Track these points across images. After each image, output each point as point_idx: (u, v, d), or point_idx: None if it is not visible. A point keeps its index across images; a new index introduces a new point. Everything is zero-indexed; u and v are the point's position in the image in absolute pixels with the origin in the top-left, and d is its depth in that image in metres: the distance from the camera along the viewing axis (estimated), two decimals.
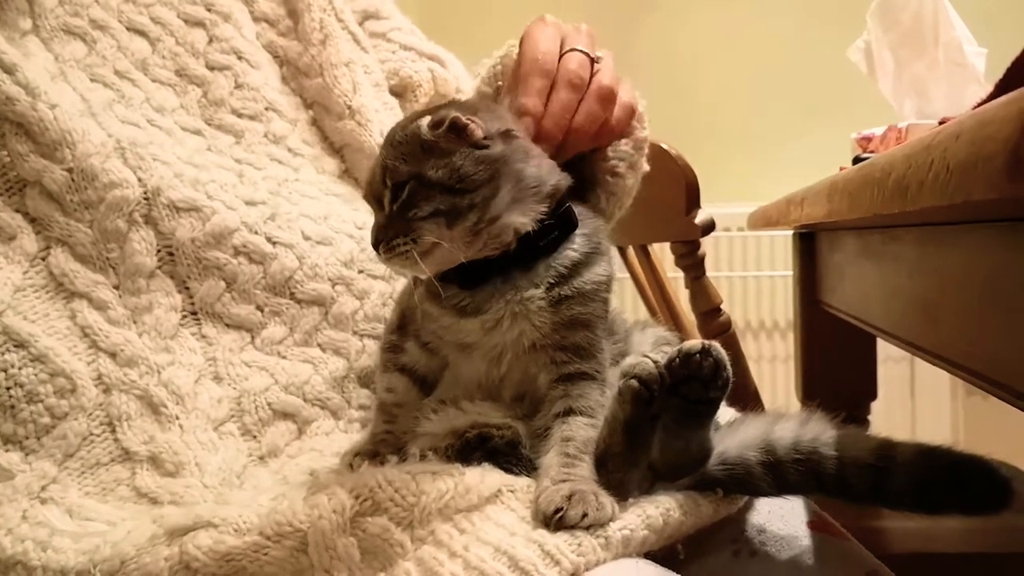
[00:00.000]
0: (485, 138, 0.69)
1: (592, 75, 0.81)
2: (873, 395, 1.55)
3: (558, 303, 0.71)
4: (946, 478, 0.66)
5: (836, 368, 1.51)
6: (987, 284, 0.62)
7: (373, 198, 0.73)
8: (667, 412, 0.67)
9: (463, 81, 1.16)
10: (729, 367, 0.67)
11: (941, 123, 1.06)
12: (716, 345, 0.66)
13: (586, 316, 0.72)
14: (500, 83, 0.87)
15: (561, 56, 0.81)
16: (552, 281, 0.71)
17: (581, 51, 0.81)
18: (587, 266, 0.73)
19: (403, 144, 0.70)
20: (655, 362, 0.66)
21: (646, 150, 0.92)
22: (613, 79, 0.82)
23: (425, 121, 0.69)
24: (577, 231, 0.74)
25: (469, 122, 0.69)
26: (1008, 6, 2.40)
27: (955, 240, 0.68)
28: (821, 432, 0.70)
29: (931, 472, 0.67)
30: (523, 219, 0.70)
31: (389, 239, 0.69)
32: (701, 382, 0.66)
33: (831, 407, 0.74)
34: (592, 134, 0.81)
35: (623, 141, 0.88)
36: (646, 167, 0.92)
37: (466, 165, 0.69)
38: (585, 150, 0.84)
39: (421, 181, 0.68)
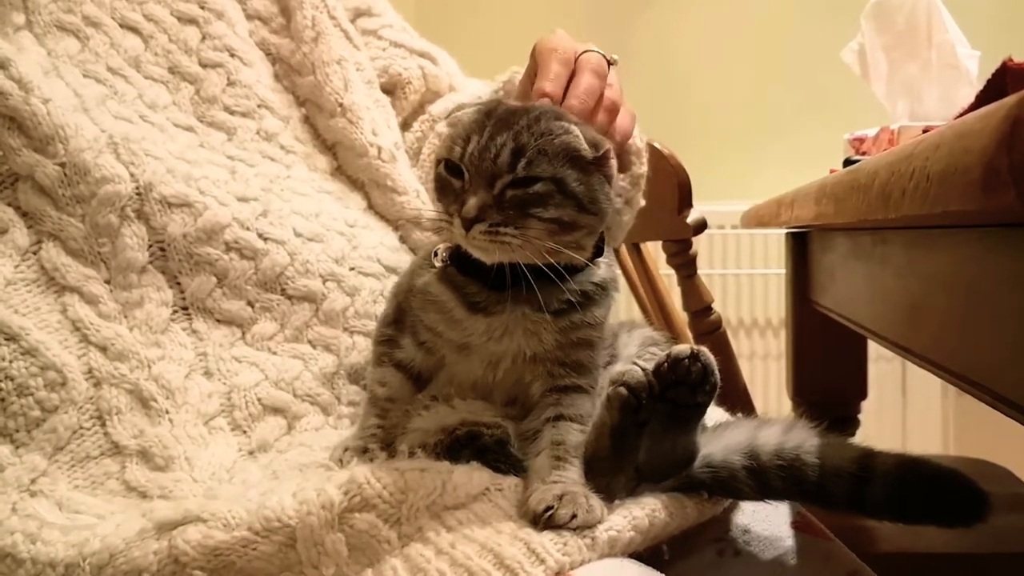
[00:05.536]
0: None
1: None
2: (864, 394, 1.56)
3: (572, 325, 0.72)
4: (925, 489, 0.67)
5: (827, 367, 1.52)
6: (972, 288, 0.62)
7: (483, 175, 0.68)
8: (655, 416, 0.67)
9: (456, 78, 1.16)
10: (717, 372, 0.67)
11: (925, 131, 1.07)
12: (704, 350, 0.67)
13: (593, 338, 0.74)
14: None
15: (580, 55, 0.82)
16: (575, 301, 0.72)
17: (598, 52, 0.82)
18: (606, 291, 0.75)
19: (546, 139, 0.68)
20: (644, 370, 0.67)
21: (643, 186, 0.93)
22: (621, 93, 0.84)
23: (577, 132, 0.69)
24: (602, 258, 0.75)
25: (613, 158, 0.71)
26: (1001, 9, 2.40)
27: (942, 244, 0.69)
28: (804, 439, 0.71)
29: (910, 483, 0.67)
30: (589, 255, 0.72)
31: (496, 224, 0.67)
32: (689, 387, 0.67)
33: (822, 406, 0.75)
34: (605, 129, 0.82)
35: (620, 176, 0.88)
36: (642, 202, 0.94)
37: (600, 193, 0.70)
38: None
39: (560, 186, 0.68)
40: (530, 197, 0.67)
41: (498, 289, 0.71)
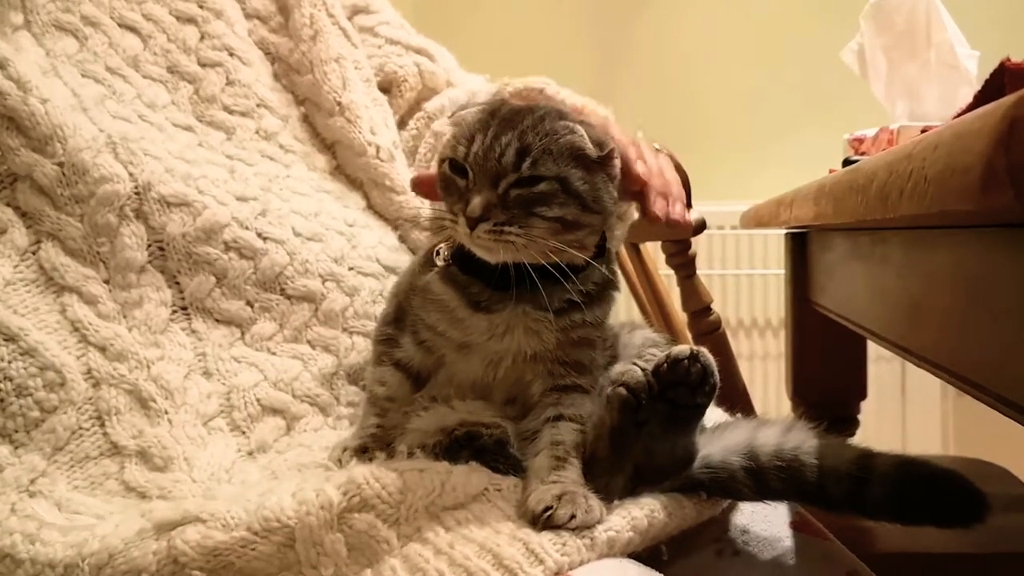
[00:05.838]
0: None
1: None
2: (863, 394, 1.55)
3: (573, 324, 0.72)
4: (923, 490, 0.67)
5: (827, 367, 1.51)
6: (972, 288, 0.62)
7: (488, 174, 0.68)
8: (654, 416, 0.67)
9: (453, 74, 1.16)
10: (716, 373, 0.67)
11: (924, 131, 1.07)
12: (704, 351, 0.67)
13: (593, 337, 0.74)
14: None
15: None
16: (576, 300, 0.72)
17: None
18: (607, 291, 0.75)
19: (551, 138, 0.68)
20: (643, 370, 0.67)
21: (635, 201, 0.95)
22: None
23: (581, 131, 0.69)
24: (604, 258, 0.75)
25: (617, 157, 0.72)
26: (1001, 9, 2.40)
27: (942, 244, 0.69)
28: (803, 440, 0.71)
29: (909, 484, 0.67)
30: (591, 254, 0.72)
31: (501, 223, 0.67)
32: (688, 388, 0.67)
33: (822, 406, 0.75)
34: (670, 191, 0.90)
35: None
36: (635, 215, 0.95)
37: (604, 192, 0.70)
38: None
39: (564, 185, 0.68)
40: (534, 196, 0.67)
41: (500, 288, 0.71)
